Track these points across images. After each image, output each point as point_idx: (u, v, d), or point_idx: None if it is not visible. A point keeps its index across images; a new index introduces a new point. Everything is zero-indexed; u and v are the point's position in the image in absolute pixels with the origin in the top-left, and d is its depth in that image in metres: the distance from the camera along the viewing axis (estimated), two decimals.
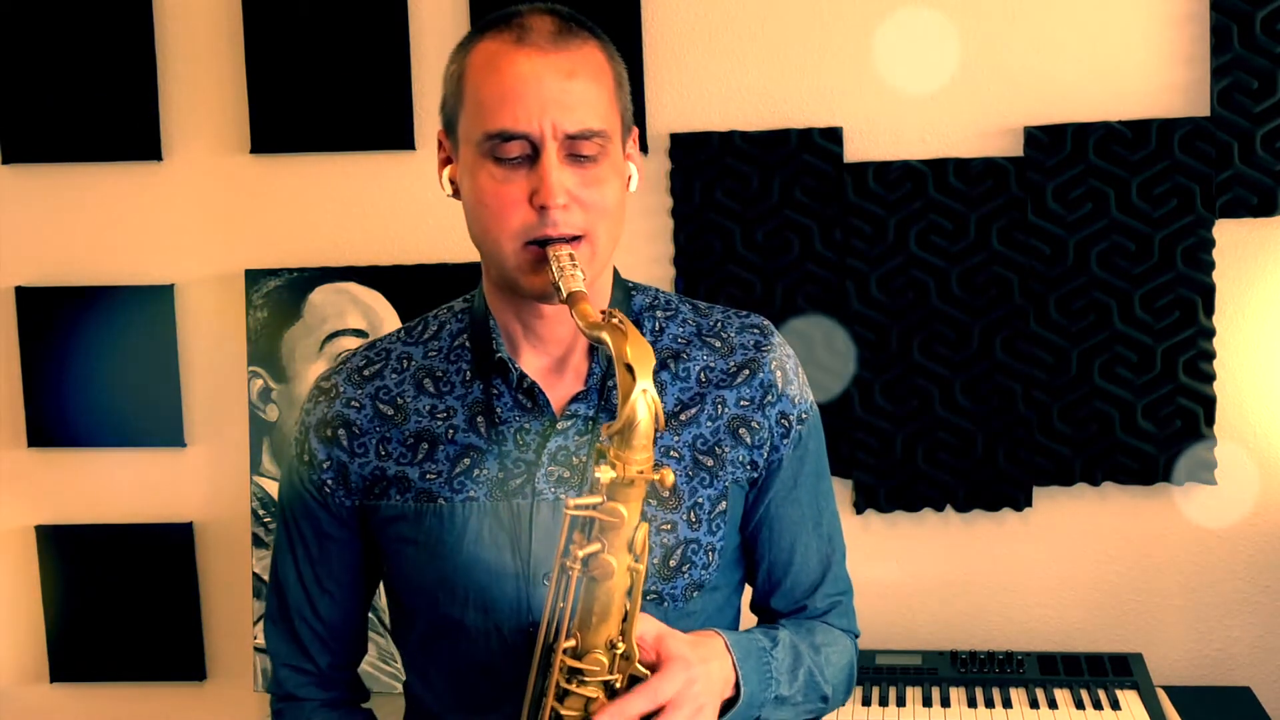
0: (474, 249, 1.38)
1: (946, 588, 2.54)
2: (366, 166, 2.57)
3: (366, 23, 2.53)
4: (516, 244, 1.31)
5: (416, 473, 1.40)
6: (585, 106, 1.30)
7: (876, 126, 2.48)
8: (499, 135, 1.30)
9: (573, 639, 1.26)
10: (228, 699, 2.70)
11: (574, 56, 1.31)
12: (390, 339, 1.49)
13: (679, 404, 1.42)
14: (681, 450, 1.40)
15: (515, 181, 1.30)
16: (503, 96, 1.30)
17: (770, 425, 1.43)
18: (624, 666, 1.26)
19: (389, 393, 1.43)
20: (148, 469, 2.67)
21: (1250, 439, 2.46)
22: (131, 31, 2.57)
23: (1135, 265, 2.42)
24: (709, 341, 1.45)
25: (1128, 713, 2.25)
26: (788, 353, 1.48)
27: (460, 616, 1.38)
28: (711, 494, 1.41)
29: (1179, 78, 2.42)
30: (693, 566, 1.39)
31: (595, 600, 1.25)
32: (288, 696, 1.53)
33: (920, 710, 2.28)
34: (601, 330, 1.22)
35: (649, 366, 1.21)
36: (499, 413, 1.39)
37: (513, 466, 1.38)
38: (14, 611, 2.73)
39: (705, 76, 2.50)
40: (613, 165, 1.34)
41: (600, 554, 1.23)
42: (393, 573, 1.45)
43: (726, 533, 1.42)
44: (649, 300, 1.47)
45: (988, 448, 2.47)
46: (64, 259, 2.65)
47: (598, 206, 1.32)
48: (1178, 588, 2.51)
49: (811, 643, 1.46)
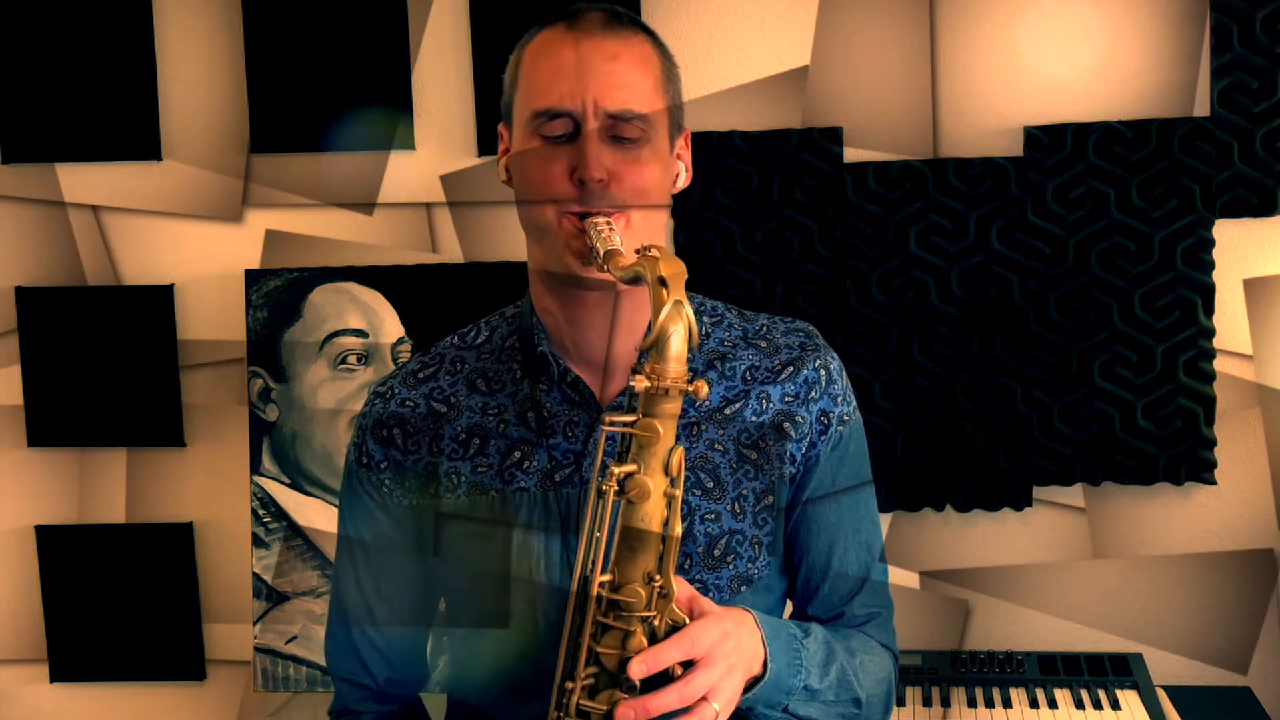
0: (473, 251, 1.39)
1: (946, 588, 2.54)
2: (367, 166, 2.57)
3: (366, 23, 2.53)
4: (558, 215, 1.35)
5: (469, 466, 1.43)
6: (627, 89, 1.34)
7: (876, 126, 2.48)
8: (545, 113, 1.35)
9: (610, 573, 1.25)
10: (228, 699, 2.70)
11: (621, 41, 1.36)
12: (445, 344, 1.52)
13: (724, 399, 1.44)
14: (726, 443, 1.42)
15: (559, 158, 1.35)
16: (549, 77, 1.35)
17: (811, 420, 1.45)
18: (662, 606, 1.25)
19: (442, 392, 1.47)
20: (148, 469, 2.67)
21: (1250, 439, 2.46)
22: (131, 31, 2.57)
23: (1135, 265, 2.42)
24: (755, 343, 1.48)
25: (1128, 713, 2.25)
26: (832, 356, 1.50)
27: (509, 607, 1.40)
28: (756, 486, 1.42)
29: (1179, 78, 2.42)
30: (738, 558, 1.41)
31: (632, 527, 1.24)
32: (345, 712, 1.55)
33: (920, 710, 2.28)
34: (635, 266, 1.24)
35: (682, 280, 1.23)
36: (548, 407, 1.42)
37: (561, 458, 1.41)
38: (14, 612, 2.73)
39: (705, 76, 2.50)
40: (655, 151, 1.37)
41: (636, 474, 1.23)
42: (448, 567, 1.46)
43: (774, 529, 1.44)
44: (695, 306, 1.49)
45: (988, 448, 2.47)
46: (64, 259, 2.65)
47: (636, 187, 1.35)
48: (1178, 588, 2.51)
49: (847, 645, 1.45)
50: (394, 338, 2.52)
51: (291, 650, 2.52)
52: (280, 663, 2.52)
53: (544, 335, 1.43)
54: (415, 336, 2.52)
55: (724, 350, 1.47)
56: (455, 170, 2.55)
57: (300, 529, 2.54)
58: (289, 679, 2.52)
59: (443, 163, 2.55)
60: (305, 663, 2.52)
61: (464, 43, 2.53)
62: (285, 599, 2.53)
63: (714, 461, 1.41)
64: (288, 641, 2.52)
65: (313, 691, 2.52)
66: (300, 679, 2.52)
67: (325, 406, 2.52)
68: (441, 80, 2.54)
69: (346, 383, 2.52)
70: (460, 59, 2.54)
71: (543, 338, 1.43)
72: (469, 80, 2.53)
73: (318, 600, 2.52)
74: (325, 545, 2.53)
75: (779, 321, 1.51)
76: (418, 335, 2.52)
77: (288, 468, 2.54)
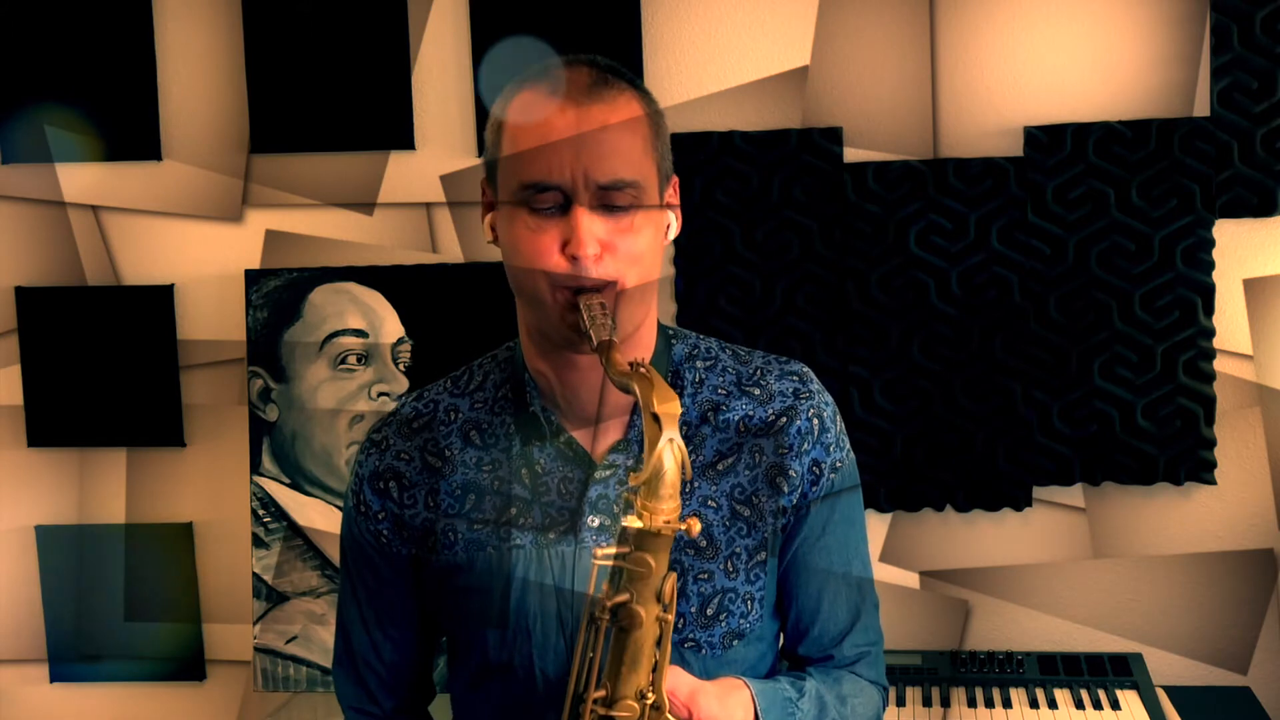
0: (473, 251, 1.39)
1: (946, 588, 2.54)
2: (367, 166, 2.57)
3: (366, 23, 2.53)
4: (551, 289, 1.33)
5: (465, 523, 1.43)
6: (617, 157, 1.32)
7: (876, 126, 2.48)
8: (533, 186, 1.32)
9: (603, 689, 1.28)
10: (228, 699, 2.70)
11: (608, 108, 1.33)
12: (438, 390, 1.51)
13: (717, 454, 1.43)
14: (719, 500, 1.42)
15: (549, 230, 1.32)
16: (537, 148, 1.32)
17: (803, 472, 1.44)
18: (654, 717, 1.28)
19: (436, 445, 1.46)
20: (148, 469, 2.67)
21: (1250, 439, 2.46)
22: (131, 31, 2.57)
23: (1135, 265, 2.42)
24: (748, 390, 1.46)
25: (1128, 713, 2.25)
26: (826, 400, 1.48)
27: (508, 659, 1.41)
28: (749, 544, 1.42)
29: (1179, 78, 2.42)
30: (730, 615, 1.41)
31: (624, 650, 1.26)
32: None
33: (920, 710, 2.28)
34: (629, 379, 1.23)
35: (675, 417, 1.22)
36: (542, 464, 1.42)
37: (557, 515, 1.41)
38: (14, 612, 2.73)
39: (705, 76, 2.50)
40: (647, 214, 1.35)
41: (629, 604, 1.25)
42: (446, 617, 1.49)
43: (767, 583, 1.44)
44: (689, 349, 1.48)
45: (988, 448, 2.47)
46: (64, 259, 2.65)
47: (629, 254, 1.33)
48: (1178, 588, 2.51)
49: (838, 693, 1.46)
50: (394, 338, 2.52)
51: (291, 650, 2.52)
52: (280, 663, 2.52)
53: (536, 393, 1.43)
54: (415, 336, 2.52)
55: (718, 400, 1.45)
56: (455, 170, 2.55)
57: (300, 529, 2.54)
58: (289, 679, 2.52)
59: (443, 163, 2.56)
60: (305, 663, 2.52)
61: (464, 43, 2.53)
62: (285, 599, 2.53)
63: (707, 519, 1.41)
64: (288, 641, 2.53)
65: (313, 691, 2.52)
66: (300, 679, 2.52)
67: (325, 406, 2.53)
68: (441, 80, 2.54)
69: (346, 383, 2.52)
70: (460, 59, 2.54)
71: (535, 396, 1.43)
72: (469, 80, 2.53)
73: (317, 600, 2.52)
74: (325, 545, 2.53)
75: (773, 363, 1.49)
76: (418, 335, 2.52)
77: (288, 468, 2.54)
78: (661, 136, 1.39)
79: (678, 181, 1.44)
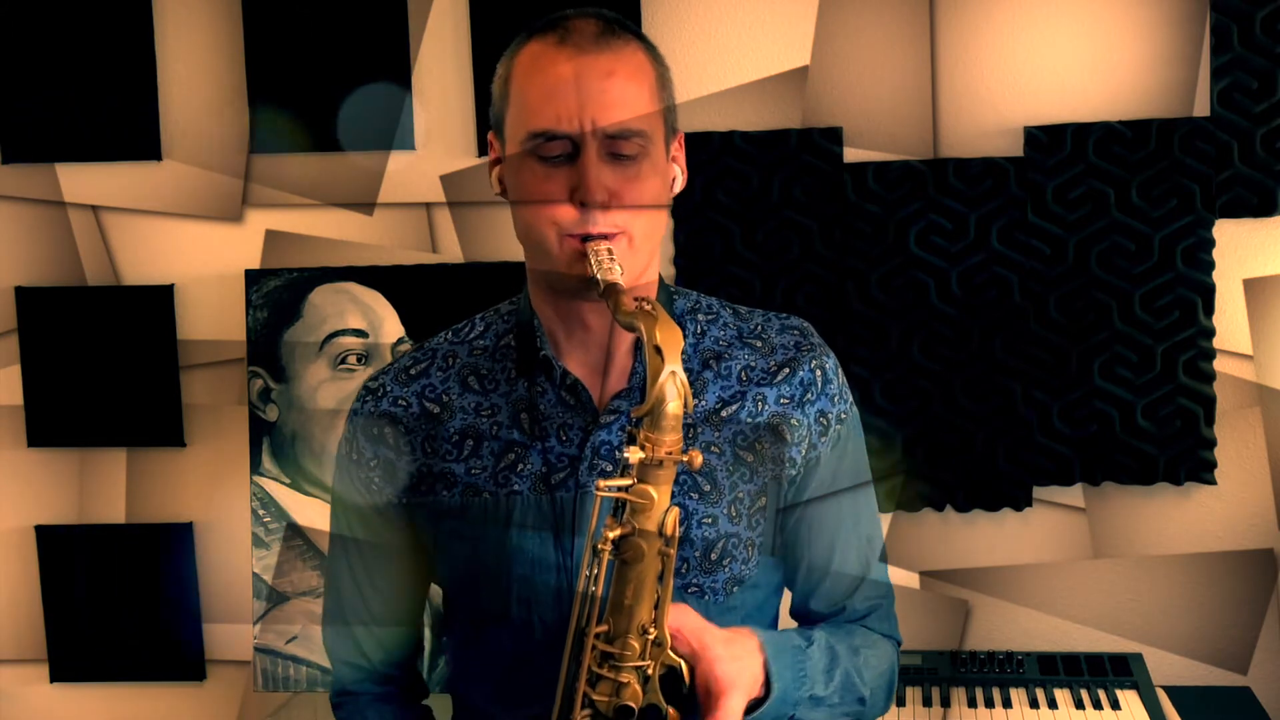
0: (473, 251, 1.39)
1: (946, 587, 2.54)
2: (367, 166, 2.57)
3: (366, 23, 2.53)
4: (559, 237, 1.34)
5: (462, 469, 1.43)
6: (624, 105, 1.33)
7: (876, 126, 2.48)
8: (541, 135, 1.33)
9: (605, 624, 1.28)
10: (228, 699, 2.70)
11: (614, 56, 1.34)
12: (438, 339, 1.52)
13: (720, 400, 1.44)
14: (722, 445, 1.43)
15: (557, 179, 1.34)
16: (544, 97, 1.33)
17: (809, 423, 1.45)
18: (656, 653, 1.28)
19: (434, 390, 1.47)
20: (148, 469, 2.67)
21: (1250, 439, 2.46)
22: (131, 32, 2.57)
23: (1135, 265, 2.42)
24: (750, 343, 1.48)
25: (1128, 713, 2.25)
26: (827, 354, 1.50)
27: (504, 609, 1.41)
28: (751, 489, 1.43)
29: (1179, 78, 2.42)
30: (733, 560, 1.42)
31: (626, 584, 1.26)
32: (344, 692, 1.58)
33: (920, 710, 2.28)
34: (634, 317, 1.24)
35: (678, 349, 1.23)
36: (542, 409, 1.42)
37: (556, 461, 1.41)
38: (14, 612, 2.73)
39: (705, 76, 2.50)
40: (653, 165, 1.37)
41: (631, 537, 1.25)
42: (441, 566, 1.48)
43: (766, 529, 1.44)
44: (691, 304, 1.50)
45: (988, 448, 2.47)
46: (64, 259, 2.65)
47: (637, 204, 1.34)
48: (1178, 588, 2.51)
49: (850, 644, 1.47)
50: (394, 338, 2.52)
51: (291, 650, 2.52)
52: (280, 663, 2.52)
53: (544, 338, 1.43)
54: (415, 337, 2.52)
55: (719, 350, 1.47)
56: (455, 170, 2.55)
57: (300, 529, 2.54)
58: (289, 679, 2.52)
59: (443, 163, 2.55)
60: (305, 663, 2.52)
61: (464, 43, 2.53)
62: (285, 599, 2.53)
63: (711, 464, 1.42)
64: (288, 641, 2.52)
65: (313, 691, 2.52)
66: (300, 679, 2.52)
67: (325, 406, 2.53)
68: (441, 81, 2.54)
69: (346, 383, 2.52)
70: (460, 59, 2.54)
71: (544, 340, 1.43)
72: (469, 80, 2.53)
73: (318, 600, 2.52)
74: (325, 545, 2.53)
75: (774, 319, 1.51)
76: (418, 335, 2.51)
77: (288, 468, 2.54)
78: (668, 90, 1.41)
79: (683, 136, 1.45)
